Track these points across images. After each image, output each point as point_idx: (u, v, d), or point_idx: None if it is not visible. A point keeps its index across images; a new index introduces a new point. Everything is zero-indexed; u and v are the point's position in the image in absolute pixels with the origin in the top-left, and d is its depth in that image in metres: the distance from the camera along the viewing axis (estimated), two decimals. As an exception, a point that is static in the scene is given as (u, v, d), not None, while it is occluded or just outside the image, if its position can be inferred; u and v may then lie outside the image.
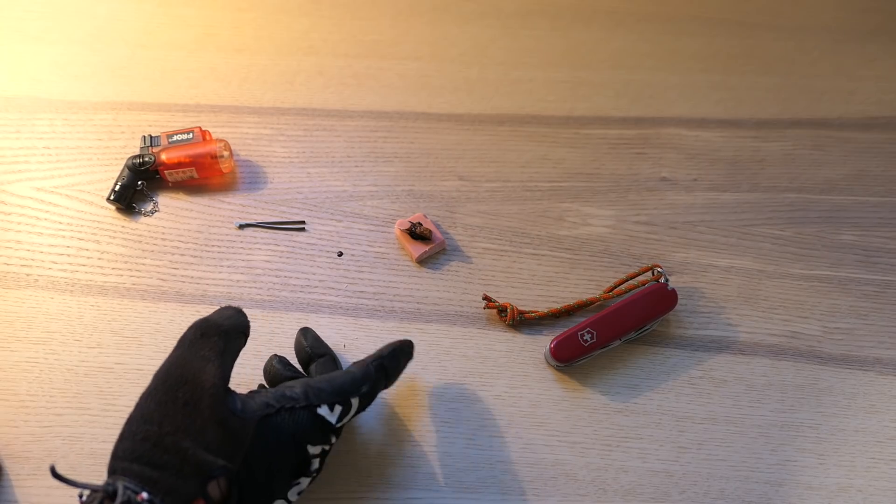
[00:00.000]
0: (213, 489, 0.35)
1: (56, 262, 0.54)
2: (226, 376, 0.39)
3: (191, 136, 0.58)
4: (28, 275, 0.54)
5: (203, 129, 0.59)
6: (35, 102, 0.63)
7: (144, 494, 0.32)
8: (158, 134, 0.59)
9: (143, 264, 0.55)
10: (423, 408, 0.50)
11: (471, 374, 0.51)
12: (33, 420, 0.48)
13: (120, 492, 0.32)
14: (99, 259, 0.55)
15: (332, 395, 0.41)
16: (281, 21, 0.69)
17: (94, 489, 0.33)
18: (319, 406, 0.40)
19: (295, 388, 0.40)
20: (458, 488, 0.47)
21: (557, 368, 0.51)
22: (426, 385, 0.51)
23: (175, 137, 0.58)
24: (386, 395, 0.50)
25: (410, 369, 0.51)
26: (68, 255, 0.55)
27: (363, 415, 0.49)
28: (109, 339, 0.51)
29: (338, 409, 0.41)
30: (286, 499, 0.40)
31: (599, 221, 0.59)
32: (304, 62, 0.66)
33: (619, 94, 0.66)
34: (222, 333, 0.40)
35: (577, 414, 0.50)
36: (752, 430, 0.50)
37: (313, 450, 0.40)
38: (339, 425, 0.41)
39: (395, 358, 0.45)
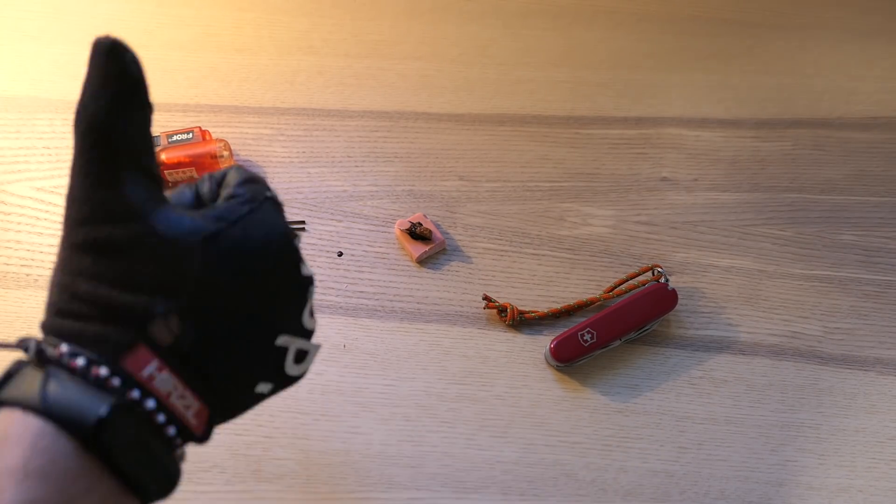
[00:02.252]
0: (161, 331, 0.28)
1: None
2: (136, 193, 0.28)
3: (191, 136, 0.58)
4: (28, 275, 0.54)
5: (203, 129, 0.59)
6: (35, 102, 0.63)
7: (64, 346, 0.27)
8: (158, 134, 0.59)
9: (143, 264, 0.55)
10: (423, 408, 0.50)
11: (471, 374, 0.51)
12: (33, 420, 0.48)
13: (31, 348, 0.27)
14: (99, 259, 0.55)
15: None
16: (281, 21, 0.69)
17: (6, 347, 0.28)
18: (273, 195, 0.32)
19: (232, 190, 0.31)
20: (459, 488, 0.47)
21: (557, 368, 0.51)
22: (426, 385, 0.51)
23: (175, 137, 0.58)
24: (386, 395, 0.50)
25: (411, 369, 0.51)
26: (68, 255, 0.55)
27: (363, 413, 0.49)
28: (109, 339, 0.51)
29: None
30: (290, 330, 0.31)
31: (600, 221, 0.59)
32: (304, 62, 0.66)
33: (620, 94, 0.66)
34: (105, 128, 0.29)
35: (577, 414, 0.50)
36: (752, 430, 0.50)
37: (305, 270, 0.31)
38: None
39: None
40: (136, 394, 0.27)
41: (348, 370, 0.50)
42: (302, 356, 0.33)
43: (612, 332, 0.51)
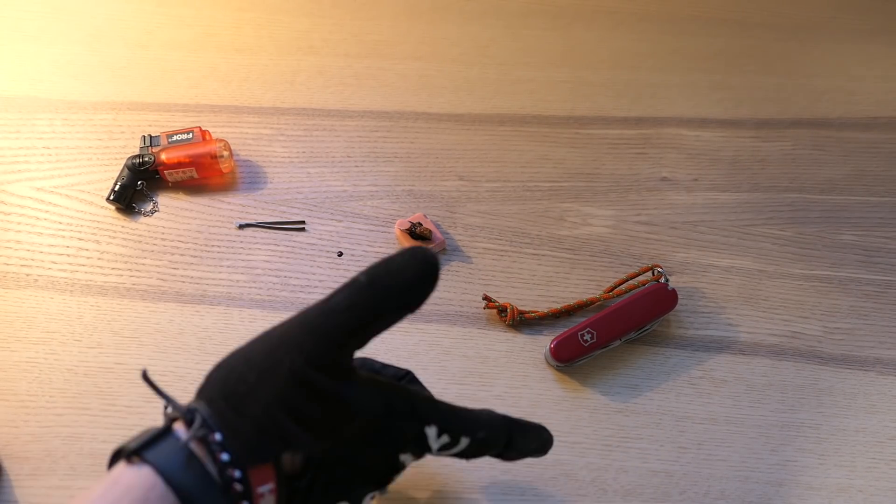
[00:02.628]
0: (287, 461, 0.31)
1: (56, 262, 0.54)
2: (344, 345, 0.31)
3: (191, 136, 0.58)
4: (28, 275, 0.54)
5: (203, 129, 0.59)
6: (35, 102, 0.63)
7: (217, 436, 0.29)
8: (158, 134, 0.59)
9: (143, 264, 0.55)
10: (423, 408, 0.49)
11: (471, 374, 0.51)
12: (33, 420, 0.48)
13: (196, 423, 0.29)
14: (99, 259, 0.55)
15: (447, 418, 0.36)
16: (281, 21, 0.69)
17: (176, 406, 0.31)
18: (429, 424, 0.35)
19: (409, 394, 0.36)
20: (459, 488, 0.47)
21: (557, 368, 0.51)
22: (426, 385, 0.50)
23: (175, 137, 0.58)
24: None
25: (411, 370, 0.51)
26: (68, 255, 0.55)
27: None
28: (109, 339, 0.51)
29: (444, 438, 0.35)
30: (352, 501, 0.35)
31: (600, 221, 0.59)
32: (304, 62, 0.66)
33: (620, 93, 0.66)
34: (378, 287, 0.31)
35: (577, 414, 0.50)
36: (752, 430, 0.50)
37: (404, 458, 0.36)
38: (433, 454, 0.36)
39: (526, 434, 0.39)
40: None
41: (348, 370, 0.50)
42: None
43: (612, 332, 0.51)
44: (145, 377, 0.31)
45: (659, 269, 0.54)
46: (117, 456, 0.31)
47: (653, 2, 0.73)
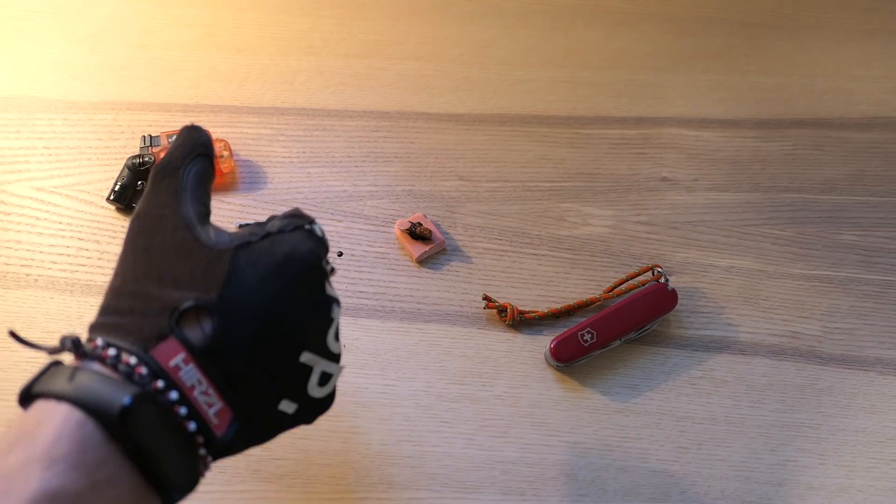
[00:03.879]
0: (194, 330, 0.30)
1: (56, 262, 0.54)
2: (186, 211, 0.32)
3: (191, 135, 0.58)
4: (28, 275, 0.54)
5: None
6: (35, 102, 0.63)
7: (99, 340, 0.29)
8: (158, 134, 0.59)
9: (143, 264, 0.55)
10: (423, 408, 0.50)
11: (471, 374, 0.51)
12: (33, 420, 0.48)
13: (67, 343, 0.29)
14: (99, 259, 0.55)
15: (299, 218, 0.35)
16: (281, 21, 0.69)
17: (43, 349, 0.30)
18: (311, 224, 0.34)
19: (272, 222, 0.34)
20: (459, 488, 0.47)
21: (557, 368, 0.51)
22: (426, 385, 0.51)
23: (175, 137, 0.58)
24: (386, 395, 0.50)
25: (411, 369, 0.51)
26: (68, 255, 0.55)
27: (363, 415, 0.49)
28: (109, 339, 0.51)
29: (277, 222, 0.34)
30: (316, 349, 0.33)
31: (600, 221, 0.59)
32: (304, 62, 0.66)
33: (620, 93, 0.66)
34: (175, 170, 0.34)
35: (577, 414, 0.50)
36: (752, 430, 0.50)
37: (330, 290, 0.34)
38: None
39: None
40: (160, 384, 0.28)
41: (348, 370, 0.50)
42: (326, 379, 0.34)
43: (612, 332, 0.51)
44: (13, 334, 0.30)
45: (659, 269, 0.54)
46: (21, 404, 0.29)
47: (653, 2, 0.73)
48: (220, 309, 0.30)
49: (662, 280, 0.53)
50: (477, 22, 0.70)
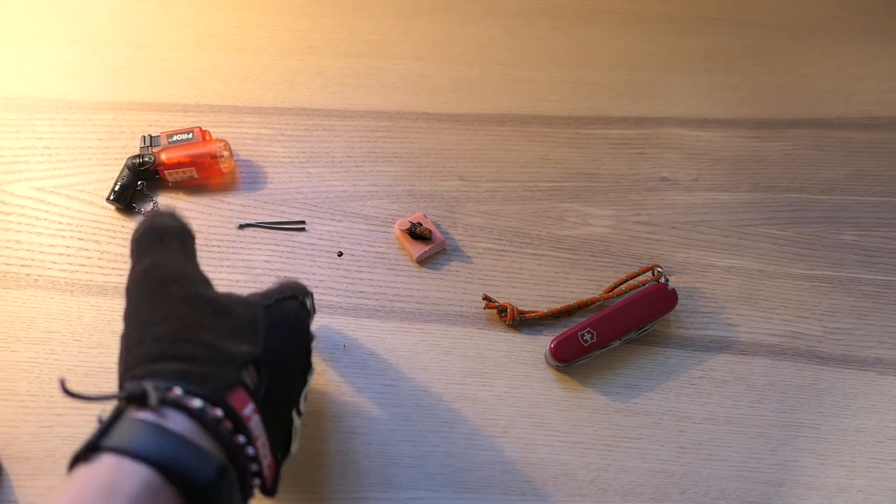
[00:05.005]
0: (247, 376, 0.31)
1: (56, 262, 0.54)
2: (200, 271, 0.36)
3: (191, 136, 0.58)
4: (28, 275, 0.54)
5: (203, 129, 0.59)
6: (35, 102, 0.63)
7: (178, 389, 0.28)
8: (158, 134, 0.59)
9: (143, 264, 0.55)
10: (423, 408, 0.50)
11: (471, 374, 0.51)
12: (33, 420, 0.48)
13: (150, 391, 0.27)
14: (99, 259, 0.55)
15: (298, 290, 0.40)
16: (281, 21, 0.69)
17: (114, 397, 0.28)
18: (306, 297, 0.40)
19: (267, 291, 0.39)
20: (459, 488, 0.47)
21: (557, 368, 0.51)
22: (426, 385, 0.51)
23: (175, 137, 0.58)
24: (386, 394, 0.50)
25: (411, 369, 0.51)
26: (68, 255, 0.55)
27: (363, 414, 0.49)
28: (109, 339, 0.51)
29: (308, 301, 0.41)
30: (297, 406, 0.37)
31: (600, 221, 0.59)
32: (304, 62, 0.66)
33: (620, 93, 0.66)
34: (177, 235, 0.35)
35: (577, 414, 0.50)
36: (752, 430, 0.50)
37: (312, 342, 0.39)
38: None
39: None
40: (241, 439, 0.29)
41: (348, 370, 0.50)
42: (294, 435, 0.37)
43: (612, 332, 0.51)
44: (63, 387, 0.29)
45: (659, 269, 0.54)
46: (82, 457, 0.27)
47: (653, 2, 0.73)
48: (265, 362, 0.32)
49: (662, 280, 0.53)
50: (477, 22, 0.70)
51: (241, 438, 0.28)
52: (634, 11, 0.72)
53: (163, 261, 0.33)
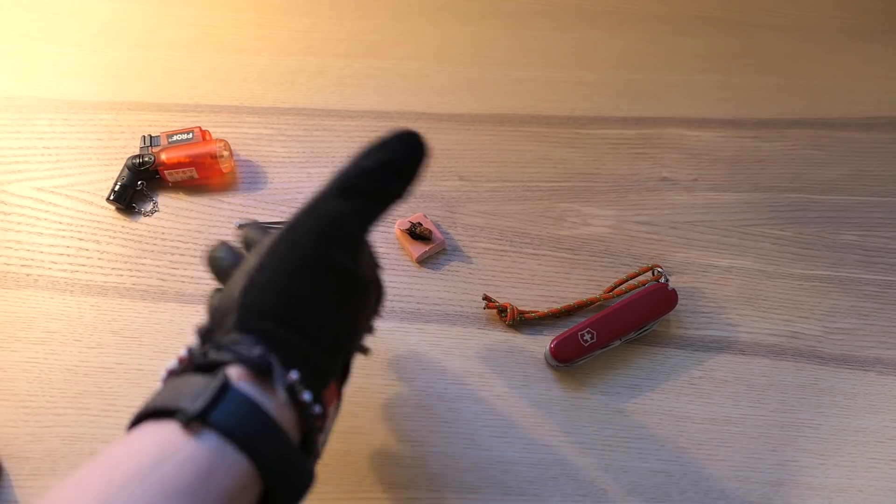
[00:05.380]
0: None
1: (56, 262, 0.54)
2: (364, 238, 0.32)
3: (191, 136, 0.58)
4: (28, 275, 0.54)
5: (203, 129, 0.59)
6: (35, 102, 0.63)
7: (294, 374, 0.26)
8: (158, 134, 0.59)
9: (143, 264, 0.55)
10: (423, 408, 0.49)
11: (471, 374, 0.51)
12: (33, 420, 0.48)
13: (276, 368, 0.25)
14: (99, 259, 0.55)
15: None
16: (281, 21, 0.69)
17: (231, 349, 0.26)
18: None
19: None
20: (459, 488, 0.47)
21: (557, 368, 0.51)
22: (426, 385, 0.51)
23: (175, 137, 0.58)
24: (386, 395, 0.50)
25: (411, 369, 0.51)
26: (68, 255, 0.55)
27: (363, 413, 0.49)
28: (109, 339, 0.51)
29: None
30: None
31: (600, 221, 0.59)
32: (304, 62, 0.66)
33: (620, 94, 0.66)
34: (373, 195, 0.31)
35: (577, 414, 0.50)
36: (752, 430, 0.50)
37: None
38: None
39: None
40: (322, 438, 0.30)
41: (348, 370, 0.50)
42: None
43: (612, 332, 0.51)
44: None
45: (659, 269, 0.54)
46: (156, 416, 0.25)
47: (653, 2, 0.73)
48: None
49: (662, 280, 0.53)
50: (477, 22, 0.70)
51: (322, 437, 0.29)
52: (634, 11, 0.72)
53: (342, 219, 0.30)
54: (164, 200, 0.58)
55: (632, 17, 0.71)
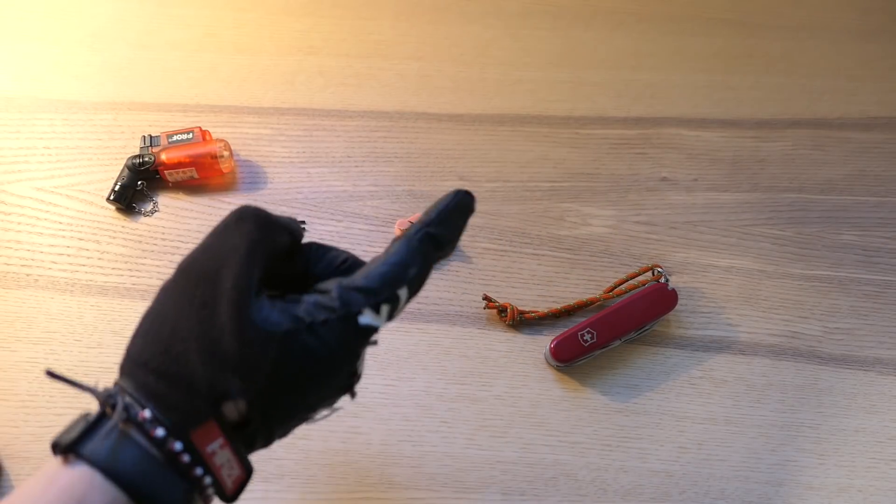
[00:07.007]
0: (230, 410, 0.30)
1: (56, 262, 0.54)
2: (251, 274, 0.31)
3: (191, 136, 0.58)
4: (28, 275, 0.54)
5: (203, 129, 0.59)
6: (35, 102, 0.63)
7: (147, 413, 0.28)
8: (158, 134, 0.59)
9: (143, 264, 0.55)
10: (423, 408, 0.50)
11: (471, 374, 0.51)
12: (33, 420, 0.48)
13: (119, 406, 0.28)
14: (99, 259, 0.55)
15: (374, 294, 0.31)
16: (281, 21, 0.69)
17: (94, 393, 0.28)
18: (361, 313, 0.31)
19: (329, 290, 0.32)
20: (459, 488, 0.47)
21: (557, 368, 0.51)
22: (426, 385, 0.51)
23: (175, 137, 0.58)
24: (386, 395, 0.50)
25: (411, 369, 0.51)
26: (68, 255, 0.55)
27: (363, 413, 0.49)
28: (109, 339, 0.51)
29: (384, 309, 0.32)
30: (313, 418, 0.34)
31: (599, 221, 0.59)
32: (304, 62, 0.66)
33: (620, 94, 0.66)
34: (261, 221, 0.33)
35: (577, 414, 0.50)
36: (752, 430, 0.50)
37: (359, 366, 0.34)
38: (389, 323, 0.33)
39: (446, 221, 0.36)
40: (199, 471, 0.29)
41: (348, 370, 0.50)
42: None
43: (612, 332, 0.51)
44: (50, 374, 0.29)
45: (659, 269, 0.54)
46: (62, 452, 0.28)
47: (653, 2, 0.73)
48: (259, 406, 0.30)
49: (662, 280, 0.53)
50: (477, 22, 0.70)
51: (199, 471, 0.29)
52: (634, 11, 0.72)
53: (213, 248, 0.31)
54: (164, 200, 0.58)
55: (632, 17, 0.71)
